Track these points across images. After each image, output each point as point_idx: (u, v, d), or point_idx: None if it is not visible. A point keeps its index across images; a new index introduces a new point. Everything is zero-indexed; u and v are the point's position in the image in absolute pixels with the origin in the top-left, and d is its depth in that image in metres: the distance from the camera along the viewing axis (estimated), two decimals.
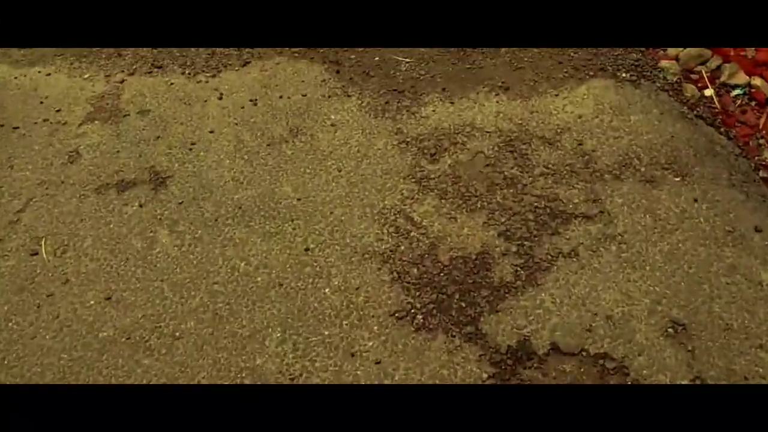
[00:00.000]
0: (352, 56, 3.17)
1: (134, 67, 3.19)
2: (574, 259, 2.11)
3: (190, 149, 2.67)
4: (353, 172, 2.51)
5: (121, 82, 3.09)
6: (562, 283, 2.04)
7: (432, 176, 2.47)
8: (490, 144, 2.59)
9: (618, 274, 2.06)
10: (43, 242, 2.30)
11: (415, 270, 2.12)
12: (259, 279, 2.13)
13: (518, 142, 2.59)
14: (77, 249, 2.28)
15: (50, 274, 2.19)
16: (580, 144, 2.56)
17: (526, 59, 3.07)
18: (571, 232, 2.20)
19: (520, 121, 2.69)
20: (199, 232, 2.31)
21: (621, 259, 2.10)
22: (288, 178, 2.51)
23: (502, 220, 2.27)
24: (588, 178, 2.41)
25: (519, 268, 2.10)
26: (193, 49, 3.28)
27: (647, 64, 2.99)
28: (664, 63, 2.98)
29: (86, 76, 3.15)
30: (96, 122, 2.86)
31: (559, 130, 2.63)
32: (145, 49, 3.30)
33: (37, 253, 2.27)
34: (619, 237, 2.18)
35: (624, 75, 2.92)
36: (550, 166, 2.47)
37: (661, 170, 2.43)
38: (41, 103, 3.00)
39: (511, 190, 2.38)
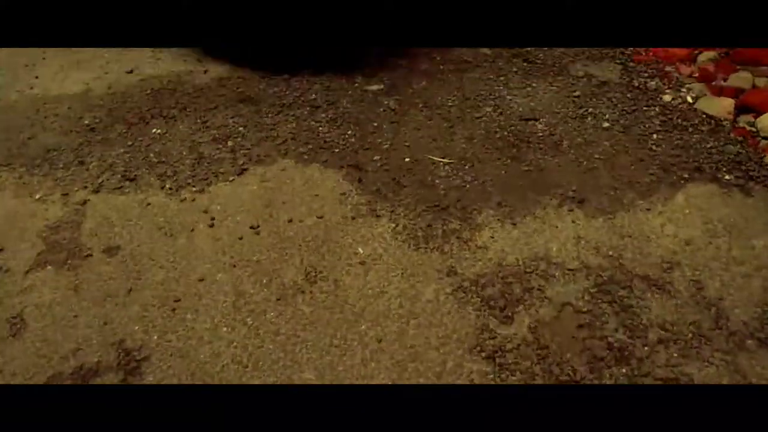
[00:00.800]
0: (376, 157, 2.53)
1: (100, 180, 2.51)
2: None
3: (174, 310, 1.98)
4: (398, 341, 1.83)
5: (83, 203, 2.41)
6: None
7: (508, 347, 1.80)
8: (578, 290, 1.93)
9: None
10: None
11: None
12: None
13: (615, 285, 1.94)
14: None
15: None
16: (699, 288, 1.91)
17: (596, 156, 2.44)
18: None
19: (610, 252, 2.04)
20: None
21: None
22: (309, 354, 1.82)
23: None
24: (724, 347, 1.75)
25: None
26: (174, 152, 2.62)
27: (751, 160, 2.37)
28: None
29: (38, 195, 2.47)
30: (49, 268, 2.17)
31: (666, 266, 1.98)
32: (113, 153, 2.64)
33: None
34: None
35: (727, 177, 2.29)
36: (668, 326, 1.81)
37: None
38: None
39: (624, 370, 1.72)
